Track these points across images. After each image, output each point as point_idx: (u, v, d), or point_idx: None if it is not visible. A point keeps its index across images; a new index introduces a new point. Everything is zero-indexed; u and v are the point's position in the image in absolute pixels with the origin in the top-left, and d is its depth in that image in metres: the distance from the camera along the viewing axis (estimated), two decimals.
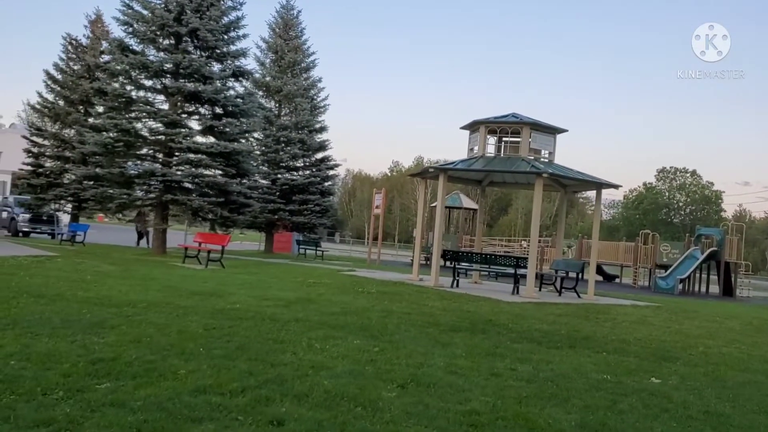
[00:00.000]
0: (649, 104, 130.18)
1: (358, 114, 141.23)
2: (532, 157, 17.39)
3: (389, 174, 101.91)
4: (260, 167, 29.96)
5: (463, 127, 18.86)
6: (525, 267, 16.59)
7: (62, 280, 10.64)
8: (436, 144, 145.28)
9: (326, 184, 32.55)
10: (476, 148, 18.15)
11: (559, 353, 7.70)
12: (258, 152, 29.85)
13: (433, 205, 31.90)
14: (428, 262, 27.84)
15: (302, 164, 31.81)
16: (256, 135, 29.80)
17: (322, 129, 32.08)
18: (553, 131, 18.08)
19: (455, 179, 21.10)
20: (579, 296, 17.08)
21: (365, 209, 75.28)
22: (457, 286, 16.82)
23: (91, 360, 5.38)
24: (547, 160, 17.77)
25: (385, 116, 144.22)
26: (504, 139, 18.14)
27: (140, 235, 27.08)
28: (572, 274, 18.15)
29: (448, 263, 18.18)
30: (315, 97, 32.26)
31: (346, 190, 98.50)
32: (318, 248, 29.96)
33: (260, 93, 30.90)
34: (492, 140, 18.24)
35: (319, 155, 32.12)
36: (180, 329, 7.08)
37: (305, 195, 30.15)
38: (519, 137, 17.74)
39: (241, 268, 17.51)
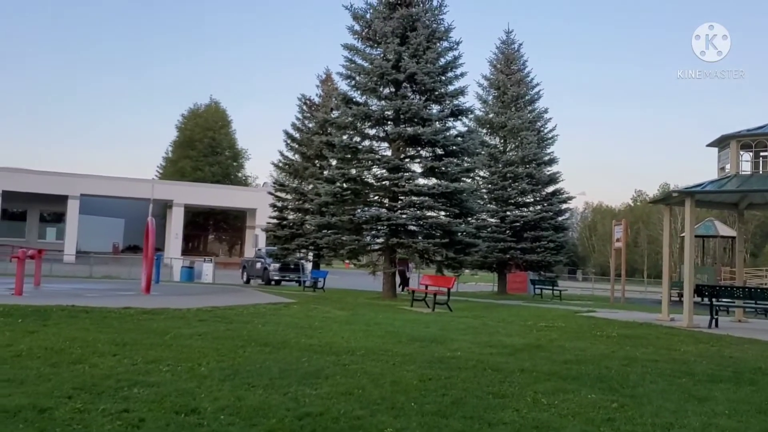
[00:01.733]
0: None
1: (595, 143, 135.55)
2: None
3: (632, 204, 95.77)
4: (487, 205, 29.52)
5: (710, 144, 16.66)
6: None
7: (291, 327, 10.85)
8: (684, 167, 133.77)
9: (560, 218, 31.11)
10: (728, 166, 15.86)
11: None
12: (484, 190, 29.49)
13: (684, 234, 28.88)
14: (681, 299, 25.00)
15: (532, 199, 30.69)
16: (481, 173, 29.52)
17: (552, 161, 30.84)
18: None
19: (705, 204, 18.64)
20: None
21: (607, 244, 71.20)
22: (716, 326, 14.57)
23: (298, 415, 5.12)
24: None
25: (624, 142, 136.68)
26: (762, 153, 15.65)
27: (402, 278, 27.44)
28: None
29: (704, 300, 15.96)
30: (542, 129, 31.18)
31: (585, 224, 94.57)
32: (555, 287, 28.47)
33: (483, 131, 30.67)
34: (747, 156, 15.87)
35: (550, 189, 30.80)
36: (394, 380, 6.64)
37: (537, 231, 28.89)
38: None
39: (468, 311, 16.92)
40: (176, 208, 51.17)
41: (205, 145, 63.31)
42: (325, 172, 23.35)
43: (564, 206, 31.60)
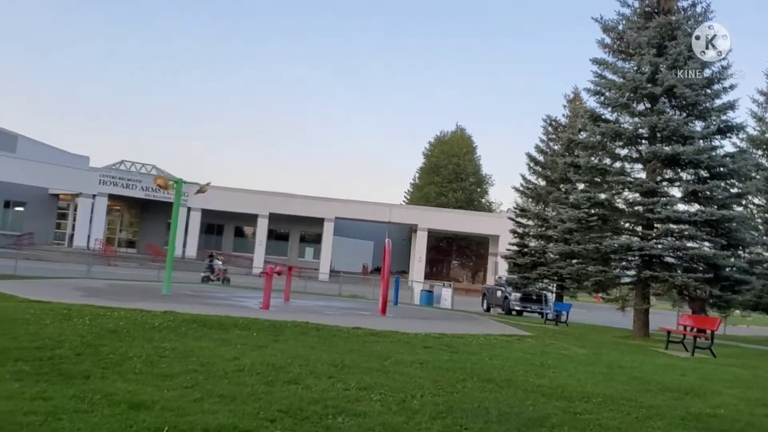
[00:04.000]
0: None
1: None
2: None
3: None
4: (763, 237, 25.78)
5: None
6: None
7: (520, 363, 9.87)
8: None
9: None
10: None
11: None
12: (759, 220, 25.84)
13: None
14: None
15: None
16: (755, 200, 25.95)
17: None
18: None
19: None
20: None
21: None
22: None
23: None
24: None
25: None
26: None
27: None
28: None
29: None
30: None
31: None
32: None
33: (759, 152, 27.02)
34: None
35: None
36: None
37: None
38: None
39: (736, 359, 14.53)
40: (420, 232, 52.47)
41: (449, 171, 64.42)
42: (570, 197, 21.92)
43: None
